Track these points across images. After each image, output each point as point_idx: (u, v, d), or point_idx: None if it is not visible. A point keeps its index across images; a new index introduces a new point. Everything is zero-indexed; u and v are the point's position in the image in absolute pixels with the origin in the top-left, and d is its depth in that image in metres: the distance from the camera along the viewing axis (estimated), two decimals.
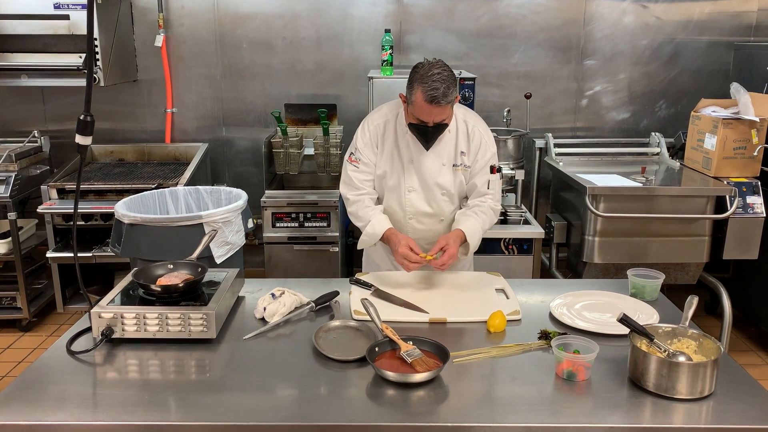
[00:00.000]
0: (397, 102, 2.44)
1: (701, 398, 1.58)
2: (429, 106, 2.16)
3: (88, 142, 1.79)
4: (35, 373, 1.71)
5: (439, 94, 2.13)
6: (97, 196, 3.80)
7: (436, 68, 2.16)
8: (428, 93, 2.13)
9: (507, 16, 4.29)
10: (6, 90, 4.31)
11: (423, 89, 2.14)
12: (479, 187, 2.44)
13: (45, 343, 3.84)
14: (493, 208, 2.44)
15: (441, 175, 2.43)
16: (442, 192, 2.45)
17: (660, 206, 3.42)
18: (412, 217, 2.50)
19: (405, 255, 2.24)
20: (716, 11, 4.30)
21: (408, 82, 2.24)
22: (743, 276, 3.86)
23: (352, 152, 2.48)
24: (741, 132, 3.46)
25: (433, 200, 2.47)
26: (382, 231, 2.38)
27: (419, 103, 2.17)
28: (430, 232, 2.52)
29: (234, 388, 1.65)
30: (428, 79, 2.13)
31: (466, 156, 2.42)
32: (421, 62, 2.23)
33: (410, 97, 2.22)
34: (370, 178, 2.48)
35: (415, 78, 2.18)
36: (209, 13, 4.29)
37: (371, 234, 2.40)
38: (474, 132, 2.41)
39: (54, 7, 3.76)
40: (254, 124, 4.47)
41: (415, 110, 2.22)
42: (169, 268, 2.07)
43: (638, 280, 2.22)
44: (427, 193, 2.46)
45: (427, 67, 2.17)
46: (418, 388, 1.62)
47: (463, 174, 2.45)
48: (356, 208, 2.47)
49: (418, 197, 2.46)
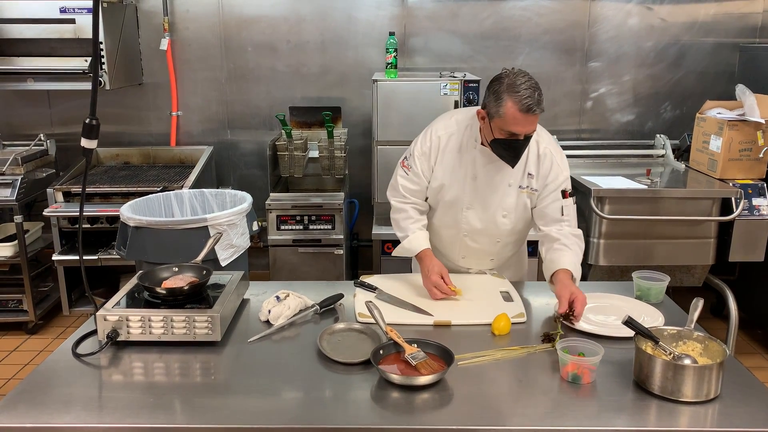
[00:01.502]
0: (468, 115, 2.32)
1: (707, 401, 1.57)
2: (524, 116, 2.03)
3: (94, 145, 1.80)
4: (41, 376, 1.71)
5: (533, 102, 2.01)
6: (103, 199, 3.82)
7: (521, 77, 2.05)
8: (524, 102, 2.01)
9: (511, 19, 4.29)
10: (12, 93, 4.34)
11: (515, 99, 2.02)
12: (551, 214, 2.28)
13: (51, 346, 3.85)
14: (575, 234, 2.27)
15: (505, 195, 2.31)
16: (503, 214, 2.33)
17: (665, 208, 3.41)
18: (467, 234, 2.40)
19: (437, 284, 2.17)
20: (721, 13, 4.28)
21: (491, 95, 2.09)
22: (749, 278, 3.84)
23: (406, 157, 2.38)
24: (746, 134, 3.45)
25: (492, 221, 2.35)
26: (419, 249, 2.31)
27: (512, 114, 2.03)
28: (483, 252, 2.45)
29: (239, 390, 1.65)
30: (518, 88, 2.02)
31: (534, 179, 2.28)
32: (500, 74, 2.11)
33: (498, 110, 2.06)
34: (417, 188, 2.38)
35: (501, 89, 2.05)
36: (214, 17, 4.30)
37: (407, 249, 2.36)
38: (545, 153, 2.26)
39: (60, 11, 3.78)
40: (259, 127, 4.48)
41: (505, 123, 2.07)
42: (174, 271, 2.07)
43: (643, 283, 2.21)
44: (486, 212, 2.34)
45: (512, 77, 2.05)
46: (423, 390, 1.62)
47: (529, 197, 2.31)
48: (398, 217, 2.41)
49: (475, 216, 2.36)
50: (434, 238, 2.46)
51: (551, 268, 2.17)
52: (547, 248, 2.27)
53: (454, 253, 2.49)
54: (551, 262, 2.19)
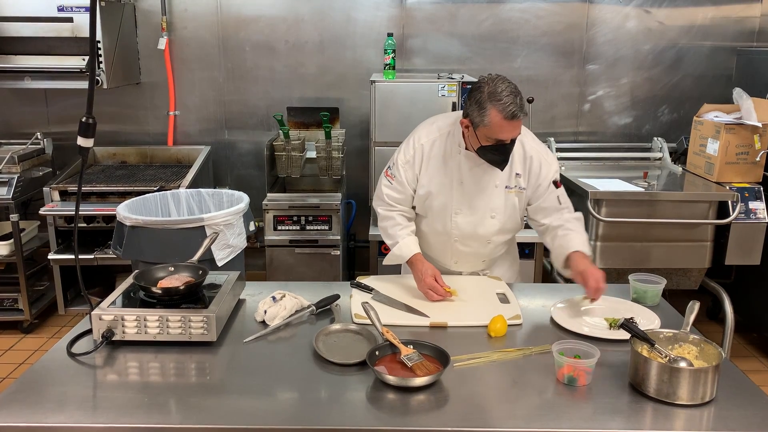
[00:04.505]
0: (449, 121, 2.33)
1: (702, 404, 1.57)
2: (509, 122, 2.05)
3: (90, 144, 1.79)
4: (35, 375, 1.71)
5: (516, 107, 2.03)
6: (99, 198, 3.81)
7: (501, 83, 2.06)
8: (507, 109, 2.03)
9: (509, 21, 4.29)
10: (9, 92, 4.33)
11: (499, 107, 2.03)
12: (550, 206, 2.32)
13: (46, 345, 3.84)
14: (576, 217, 2.32)
15: (492, 197, 2.32)
16: (491, 215, 2.35)
17: (662, 211, 3.42)
18: (457, 239, 2.41)
19: (432, 287, 2.18)
20: (719, 16, 4.29)
21: (473, 105, 2.10)
22: (745, 281, 3.85)
23: (390, 167, 2.38)
24: (743, 137, 3.46)
25: (482, 223, 2.36)
26: (410, 255, 2.31)
27: (497, 122, 2.05)
28: (474, 255, 2.45)
29: (234, 391, 1.65)
30: (500, 96, 2.03)
31: (521, 178, 2.30)
32: (478, 83, 2.12)
33: (482, 119, 2.07)
34: (402, 197, 2.38)
35: (483, 98, 2.06)
36: (212, 16, 4.30)
37: (398, 256, 2.35)
38: (531, 152, 2.29)
39: (58, 10, 3.77)
40: (256, 127, 4.48)
41: (491, 131, 2.08)
42: (170, 271, 2.07)
43: (640, 285, 2.21)
44: (475, 215, 2.35)
45: (491, 85, 2.06)
46: (419, 392, 1.62)
47: (517, 196, 2.33)
48: (386, 225, 2.41)
49: (465, 220, 2.36)
50: (424, 245, 2.45)
51: (562, 253, 2.23)
52: (553, 236, 2.31)
53: (446, 258, 2.48)
54: (560, 248, 2.24)
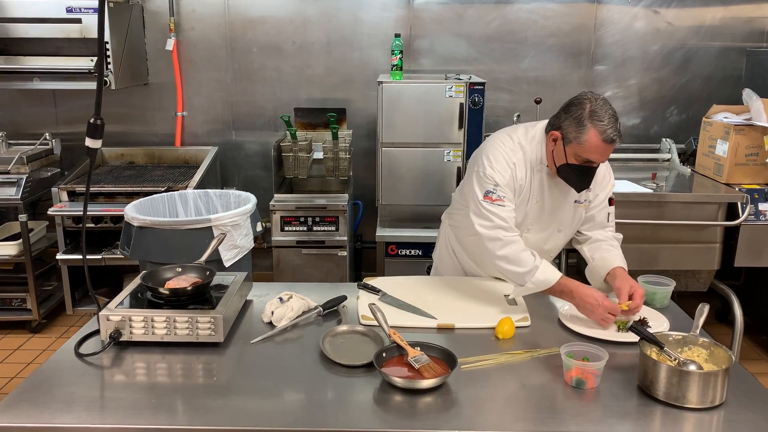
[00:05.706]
0: (526, 136, 2.27)
1: (712, 408, 1.56)
2: (606, 146, 2.02)
3: (98, 145, 1.80)
4: (43, 375, 1.71)
5: (616, 133, 2.01)
6: (107, 199, 3.82)
7: (604, 104, 2.04)
8: (607, 133, 2.00)
9: (517, 21, 4.28)
10: (18, 93, 4.35)
11: (599, 129, 2.01)
12: (599, 220, 2.32)
13: (54, 345, 3.85)
14: (617, 237, 2.34)
15: (563, 212, 2.30)
16: (559, 230, 2.34)
17: (671, 213, 3.40)
18: None
19: (612, 310, 1.98)
20: (728, 17, 4.27)
21: (570, 119, 2.07)
22: (755, 283, 3.82)
23: (491, 191, 2.18)
24: (753, 138, 3.43)
25: (550, 238, 2.35)
26: (556, 278, 2.09)
27: (595, 143, 2.02)
28: None
29: (241, 392, 1.65)
30: (602, 117, 2.01)
31: (590, 191, 2.29)
32: (579, 98, 2.09)
33: (578, 136, 2.04)
34: (514, 215, 2.22)
35: (584, 116, 2.03)
36: (220, 17, 4.31)
37: (543, 282, 2.09)
38: (602, 166, 2.25)
39: (66, 11, 3.79)
40: (264, 127, 4.49)
41: (585, 151, 2.05)
42: (178, 271, 2.07)
43: (649, 287, 2.20)
44: (545, 232, 2.33)
45: (594, 104, 2.04)
46: (426, 394, 1.61)
47: (584, 210, 2.32)
48: (511, 251, 2.13)
49: (535, 237, 2.32)
50: (477, 255, 2.44)
51: (605, 267, 2.23)
52: (595, 248, 2.32)
53: (492, 270, 2.39)
54: (603, 260, 2.25)
